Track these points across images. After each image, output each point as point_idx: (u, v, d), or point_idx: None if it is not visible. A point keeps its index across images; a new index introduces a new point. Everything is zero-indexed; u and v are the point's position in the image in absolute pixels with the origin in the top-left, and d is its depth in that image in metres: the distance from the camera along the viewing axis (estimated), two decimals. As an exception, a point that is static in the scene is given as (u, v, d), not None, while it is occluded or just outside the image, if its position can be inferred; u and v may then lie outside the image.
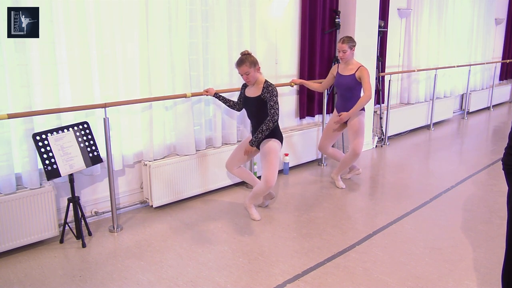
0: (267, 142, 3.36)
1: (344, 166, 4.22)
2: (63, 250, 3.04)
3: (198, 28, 3.73)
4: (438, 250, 3.01)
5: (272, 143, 3.35)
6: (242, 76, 3.31)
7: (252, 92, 3.38)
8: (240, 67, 3.27)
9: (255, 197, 3.50)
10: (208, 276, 2.69)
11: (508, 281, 2.00)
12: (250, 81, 3.31)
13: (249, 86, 3.44)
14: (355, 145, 4.03)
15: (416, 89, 6.61)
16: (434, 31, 6.72)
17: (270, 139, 3.37)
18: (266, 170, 3.31)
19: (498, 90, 9.02)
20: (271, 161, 3.31)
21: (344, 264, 2.82)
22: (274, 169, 3.32)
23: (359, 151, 4.03)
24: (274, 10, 4.52)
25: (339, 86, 4.08)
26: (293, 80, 4.48)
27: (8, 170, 2.92)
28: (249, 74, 3.27)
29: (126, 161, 3.59)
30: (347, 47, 3.92)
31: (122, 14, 3.31)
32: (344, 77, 4.02)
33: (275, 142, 3.37)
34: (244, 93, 3.47)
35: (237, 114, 4.17)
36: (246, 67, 3.25)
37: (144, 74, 3.50)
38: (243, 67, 3.26)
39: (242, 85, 3.57)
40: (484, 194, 4.04)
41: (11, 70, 2.84)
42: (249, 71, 3.26)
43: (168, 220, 3.54)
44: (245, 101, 3.46)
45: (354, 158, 4.10)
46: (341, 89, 4.08)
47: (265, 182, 3.30)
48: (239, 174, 3.70)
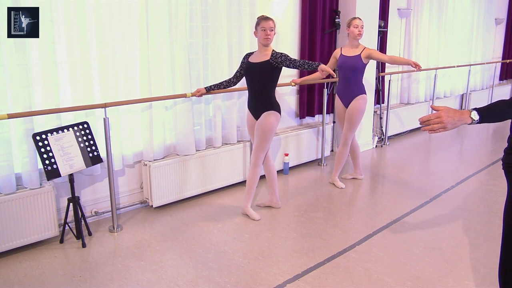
0: (266, 115, 3.35)
1: (339, 162, 4.21)
2: (63, 250, 3.04)
3: (198, 28, 3.73)
4: (438, 250, 3.01)
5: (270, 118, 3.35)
6: (265, 31, 3.24)
7: (258, 58, 3.34)
8: (268, 21, 3.25)
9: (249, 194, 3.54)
10: (208, 276, 2.69)
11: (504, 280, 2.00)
12: (270, 38, 3.26)
13: (255, 53, 3.42)
14: (345, 132, 4.04)
15: (416, 89, 6.60)
16: (434, 31, 6.72)
17: (269, 112, 3.36)
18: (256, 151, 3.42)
19: (498, 90, 9.01)
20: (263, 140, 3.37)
21: (344, 264, 2.82)
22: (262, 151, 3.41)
23: (348, 139, 4.02)
24: (274, 10, 4.52)
25: (342, 67, 4.03)
26: (293, 80, 4.48)
27: (8, 170, 2.92)
28: (272, 31, 3.27)
29: (126, 161, 3.59)
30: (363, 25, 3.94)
31: (122, 14, 3.31)
32: (349, 57, 3.99)
33: (273, 115, 3.36)
34: (248, 60, 3.43)
35: (237, 114, 4.16)
36: (273, 24, 3.27)
37: (144, 74, 3.50)
38: (271, 21, 3.26)
39: (245, 55, 3.53)
40: (484, 194, 4.04)
41: (11, 70, 2.84)
42: (273, 28, 3.27)
43: (168, 220, 3.54)
44: (247, 68, 3.39)
45: (344, 149, 4.09)
46: (344, 70, 4.02)
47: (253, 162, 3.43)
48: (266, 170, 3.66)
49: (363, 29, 3.98)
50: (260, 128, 3.36)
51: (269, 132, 3.36)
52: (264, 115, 3.37)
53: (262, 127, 3.35)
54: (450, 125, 1.58)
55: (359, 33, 3.94)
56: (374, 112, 5.68)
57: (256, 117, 3.45)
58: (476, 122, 1.62)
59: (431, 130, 1.61)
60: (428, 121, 1.61)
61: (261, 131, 3.36)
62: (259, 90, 3.36)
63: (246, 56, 3.52)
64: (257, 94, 3.38)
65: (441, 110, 1.61)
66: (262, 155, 3.42)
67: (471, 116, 1.61)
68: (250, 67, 3.38)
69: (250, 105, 3.49)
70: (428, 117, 1.60)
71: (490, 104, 1.71)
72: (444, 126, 1.58)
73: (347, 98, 4.08)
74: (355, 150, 4.36)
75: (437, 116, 1.58)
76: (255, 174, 3.47)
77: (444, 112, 1.59)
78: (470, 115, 1.61)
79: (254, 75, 3.35)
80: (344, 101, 4.13)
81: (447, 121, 1.57)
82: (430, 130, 1.61)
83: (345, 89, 4.08)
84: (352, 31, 3.96)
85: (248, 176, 3.54)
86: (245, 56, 3.53)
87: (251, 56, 3.46)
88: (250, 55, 3.47)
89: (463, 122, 1.60)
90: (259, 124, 3.37)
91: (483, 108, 1.66)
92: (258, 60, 3.33)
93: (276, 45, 4.60)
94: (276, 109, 3.40)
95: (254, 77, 3.36)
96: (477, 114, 1.61)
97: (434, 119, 1.58)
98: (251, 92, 3.44)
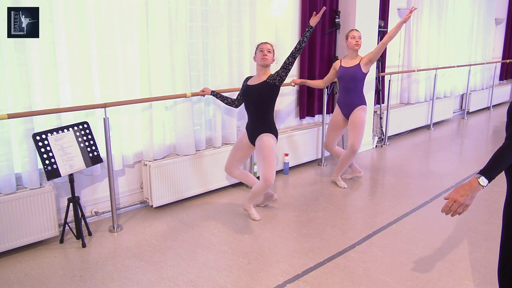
0: (262, 137, 3.33)
1: (343, 165, 4.21)
2: (63, 250, 3.04)
3: (198, 28, 3.73)
4: (438, 250, 3.01)
5: (266, 138, 3.32)
6: (262, 52, 3.29)
7: (256, 80, 3.37)
8: (266, 44, 3.33)
9: (254, 197, 3.50)
10: (208, 276, 2.69)
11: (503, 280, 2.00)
12: (267, 60, 3.30)
13: (253, 77, 3.44)
14: (353, 141, 4.02)
15: (416, 89, 6.61)
16: (434, 31, 6.72)
17: (265, 134, 3.35)
18: (263, 168, 3.28)
19: (498, 90, 9.01)
20: (268, 158, 3.28)
21: (344, 264, 2.82)
22: (272, 167, 3.28)
23: (357, 147, 4.02)
24: (274, 10, 4.52)
25: (342, 77, 4.06)
26: (293, 80, 4.48)
27: (8, 170, 2.92)
28: (270, 53, 3.31)
29: (126, 161, 3.59)
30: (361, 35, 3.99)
31: (122, 14, 3.32)
32: (348, 68, 4.03)
33: (270, 136, 3.35)
34: (247, 83, 3.46)
35: (237, 113, 4.16)
36: (271, 46, 3.34)
37: (144, 74, 3.50)
38: (268, 44, 3.33)
39: (245, 79, 3.56)
40: (484, 194, 4.04)
41: (11, 70, 2.84)
42: (271, 50, 3.33)
43: (168, 220, 3.54)
44: (245, 91, 3.41)
45: (352, 155, 4.09)
46: (344, 81, 4.06)
47: (264, 181, 3.28)
48: (239, 176, 3.69)
49: (361, 40, 4.03)
50: (260, 150, 3.31)
51: (270, 148, 3.30)
52: (260, 137, 3.34)
53: (262, 148, 3.30)
54: (469, 201, 1.69)
55: (356, 43, 3.99)
56: (374, 112, 5.68)
57: (251, 139, 3.44)
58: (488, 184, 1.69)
59: (458, 214, 1.73)
60: (450, 209, 1.72)
61: (262, 152, 3.30)
62: (257, 112, 3.36)
63: (246, 80, 3.55)
64: (255, 116, 3.38)
65: (451, 195, 1.71)
66: (274, 170, 3.31)
67: (480, 184, 1.68)
68: (248, 89, 3.40)
69: (248, 126, 3.49)
70: (447, 207, 1.72)
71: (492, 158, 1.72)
72: (464, 205, 1.69)
73: (347, 109, 4.11)
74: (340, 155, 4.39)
75: (452, 201, 1.69)
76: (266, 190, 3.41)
77: (455, 194, 1.69)
78: (479, 183, 1.68)
79: (252, 97, 3.35)
80: (344, 111, 4.16)
81: (464, 200, 1.68)
82: (457, 214, 1.73)
83: (346, 100, 4.11)
84: (349, 42, 4.03)
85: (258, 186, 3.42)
86: (245, 79, 3.55)
87: (250, 79, 3.48)
88: (250, 79, 3.50)
89: (476, 191, 1.69)
90: (258, 148, 3.33)
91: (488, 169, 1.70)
92: (256, 83, 3.36)
93: (276, 45, 4.60)
94: (273, 132, 3.39)
95: (252, 99, 3.36)
96: (485, 179, 1.68)
97: (452, 205, 1.70)
98: (249, 114, 3.45)
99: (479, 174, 1.69)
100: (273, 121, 3.42)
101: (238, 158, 3.60)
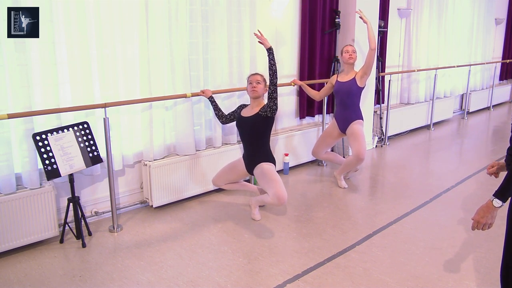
0: (261, 165, 3.33)
1: (347, 168, 4.21)
2: (63, 250, 3.04)
3: (198, 28, 3.73)
4: (438, 250, 3.01)
5: (266, 166, 3.32)
6: (251, 84, 3.30)
7: (249, 112, 3.37)
8: (255, 75, 3.33)
9: (260, 203, 3.51)
10: (208, 276, 2.69)
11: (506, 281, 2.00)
12: (257, 92, 3.30)
13: (247, 107, 3.44)
14: (358, 151, 3.97)
15: (416, 89, 6.61)
16: (434, 31, 6.72)
17: (264, 163, 3.34)
18: (274, 188, 3.19)
19: (498, 90, 9.01)
20: (273, 178, 3.24)
21: (344, 264, 2.82)
22: (280, 184, 3.21)
23: (363, 156, 3.98)
24: (274, 10, 4.52)
25: (338, 92, 4.10)
26: (294, 80, 4.49)
27: (8, 170, 2.92)
28: (260, 84, 3.30)
29: (126, 161, 3.59)
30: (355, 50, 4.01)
31: (122, 14, 3.31)
32: (344, 83, 4.07)
33: (269, 165, 3.35)
34: (240, 113, 3.45)
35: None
36: (261, 78, 3.33)
37: (144, 74, 3.50)
38: (257, 76, 3.33)
39: (238, 106, 3.57)
40: (484, 194, 4.04)
41: (11, 70, 2.84)
42: (261, 82, 3.31)
43: (168, 220, 3.54)
44: (239, 122, 3.41)
45: (358, 163, 4.08)
46: (341, 96, 4.10)
47: (277, 199, 3.17)
48: (230, 187, 3.71)
49: (355, 54, 4.02)
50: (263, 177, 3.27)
51: (271, 170, 3.30)
52: (259, 166, 3.33)
53: (264, 173, 3.28)
54: (490, 220, 1.93)
55: (350, 57, 4.00)
56: (374, 112, 5.68)
57: (249, 169, 3.44)
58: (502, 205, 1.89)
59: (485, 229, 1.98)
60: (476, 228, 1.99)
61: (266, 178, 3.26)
62: (252, 143, 3.36)
63: (240, 107, 3.54)
64: (251, 146, 3.38)
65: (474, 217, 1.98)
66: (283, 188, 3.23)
67: (494, 206, 1.89)
68: (241, 121, 3.40)
69: (245, 157, 3.48)
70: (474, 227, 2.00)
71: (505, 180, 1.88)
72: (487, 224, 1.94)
73: (344, 123, 4.13)
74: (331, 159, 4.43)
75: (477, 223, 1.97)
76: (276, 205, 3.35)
77: (477, 216, 1.96)
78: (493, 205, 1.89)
79: (246, 129, 3.36)
80: (340, 125, 4.17)
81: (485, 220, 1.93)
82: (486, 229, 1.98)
83: (342, 114, 4.14)
84: (344, 56, 4.05)
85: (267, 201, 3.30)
86: (239, 106, 3.56)
87: (244, 109, 3.48)
88: (244, 108, 3.49)
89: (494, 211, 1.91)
90: (260, 175, 3.30)
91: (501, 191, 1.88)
92: (249, 114, 3.35)
93: (277, 45, 4.61)
94: (271, 161, 3.39)
95: (246, 131, 3.37)
96: (499, 201, 1.88)
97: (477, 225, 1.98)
98: (244, 145, 3.45)
99: (493, 197, 1.88)
100: (269, 149, 3.41)
101: (228, 178, 3.61)
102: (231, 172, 3.59)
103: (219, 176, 3.65)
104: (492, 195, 1.90)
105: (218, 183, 3.67)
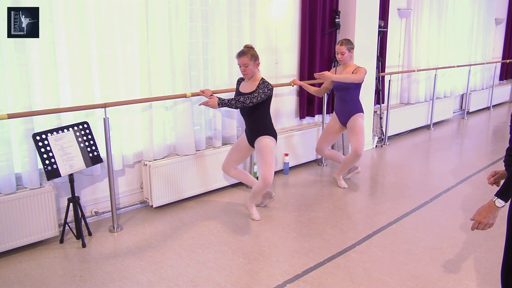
0: (261, 139, 3.36)
1: (345, 167, 4.22)
2: (63, 250, 3.04)
3: (198, 28, 3.73)
4: (438, 250, 3.01)
5: (265, 140, 3.35)
6: (240, 67, 3.29)
7: (246, 88, 3.37)
8: (241, 57, 3.26)
9: (255, 196, 3.51)
10: (208, 276, 2.69)
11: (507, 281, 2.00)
12: (247, 74, 3.30)
13: (244, 81, 3.44)
14: (356, 146, 4.03)
15: (416, 89, 6.60)
16: (434, 31, 6.72)
17: (264, 136, 3.37)
18: (262, 168, 3.33)
19: (498, 90, 9.01)
20: (266, 159, 3.32)
21: (344, 264, 2.82)
22: (270, 166, 3.32)
23: (360, 151, 4.03)
24: (274, 10, 4.52)
25: (337, 88, 4.10)
26: (294, 80, 4.48)
27: (8, 170, 2.92)
28: (248, 67, 3.26)
29: (126, 161, 3.59)
30: (345, 49, 3.95)
31: (122, 14, 3.31)
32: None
33: (269, 138, 3.37)
34: (239, 88, 3.47)
35: (237, 114, 4.16)
36: (247, 59, 3.24)
37: (144, 74, 3.50)
38: (243, 58, 3.25)
39: (237, 80, 3.55)
40: (484, 194, 4.04)
41: (11, 70, 2.84)
42: (248, 64, 3.25)
43: (168, 220, 3.54)
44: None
45: (355, 159, 4.10)
46: (339, 91, 4.10)
47: (262, 180, 3.32)
48: (236, 175, 3.72)
49: (345, 54, 3.95)
50: (259, 151, 3.35)
51: (268, 149, 3.33)
52: (259, 139, 3.37)
53: (260, 148, 3.34)
54: (492, 220, 1.92)
55: (340, 58, 4.00)
56: (374, 112, 5.68)
57: (251, 142, 3.48)
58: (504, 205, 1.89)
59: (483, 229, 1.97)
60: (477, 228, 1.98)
61: (261, 152, 3.33)
62: (252, 117, 3.37)
63: (238, 81, 3.54)
64: (251, 120, 3.40)
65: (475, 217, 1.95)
66: (273, 170, 3.34)
67: (497, 206, 1.89)
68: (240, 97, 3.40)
69: (247, 130, 3.52)
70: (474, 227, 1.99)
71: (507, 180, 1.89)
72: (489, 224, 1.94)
73: (344, 117, 4.14)
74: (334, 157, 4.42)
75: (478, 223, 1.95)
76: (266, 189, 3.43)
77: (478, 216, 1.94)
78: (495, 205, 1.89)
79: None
80: (341, 119, 4.19)
81: (487, 220, 1.92)
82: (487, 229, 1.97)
83: (343, 108, 4.14)
84: (336, 56, 4.05)
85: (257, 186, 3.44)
86: (238, 81, 3.55)
87: (241, 84, 3.47)
88: (242, 82, 3.48)
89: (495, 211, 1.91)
90: (257, 149, 3.38)
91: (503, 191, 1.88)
92: (246, 91, 3.36)
93: (277, 45, 4.61)
94: (271, 134, 3.41)
95: (245, 108, 3.36)
96: (501, 201, 1.87)
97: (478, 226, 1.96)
98: (245, 120, 3.47)
99: (495, 197, 1.88)
100: (270, 123, 3.43)
101: (235, 159, 3.63)
102: (236, 151, 3.61)
103: (227, 160, 3.67)
104: (494, 195, 1.90)
105: (227, 168, 3.68)
